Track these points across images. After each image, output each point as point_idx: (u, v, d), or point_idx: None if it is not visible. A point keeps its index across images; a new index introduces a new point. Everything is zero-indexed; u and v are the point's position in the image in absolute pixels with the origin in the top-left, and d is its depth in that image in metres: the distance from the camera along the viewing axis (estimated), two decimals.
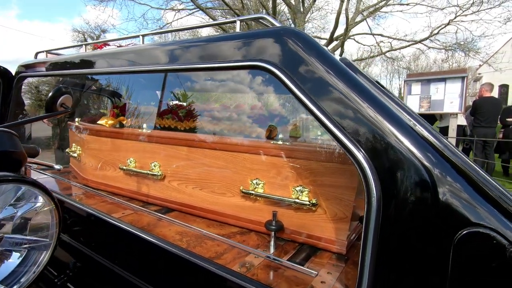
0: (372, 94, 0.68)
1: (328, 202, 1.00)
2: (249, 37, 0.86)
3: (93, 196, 1.56)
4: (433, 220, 0.58)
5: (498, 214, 0.55)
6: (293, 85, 0.75)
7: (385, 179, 0.63)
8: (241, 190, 1.14)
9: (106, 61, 1.32)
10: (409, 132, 0.64)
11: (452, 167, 0.59)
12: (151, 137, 1.42)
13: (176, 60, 1.03)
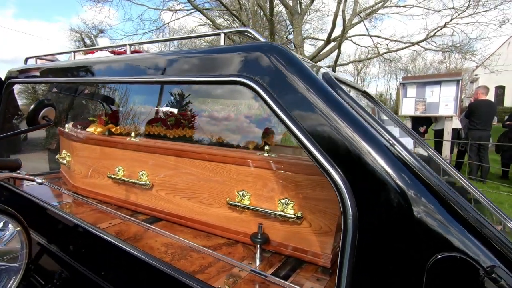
0: (350, 113, 0.68)
1: (313, 215, 1.00)
2: (231, 52, 0.85)
3: (82, 205, 1.55)
4: (408, 243, 0.58)
5: (473, 239, 0.54)
6: (272, 102, 0.75)
7: (361, 199, 0.63)
8: (228, 201, 1.14)
9: (95, 70, 1.31)
10: (385, 152, 0.63)
11: (428, 189, 0.59)
12: (139, 146, 1.41)
13: (160, 72, 1.02)
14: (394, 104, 50.77)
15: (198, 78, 0.90)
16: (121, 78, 1.16)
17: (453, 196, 0.60)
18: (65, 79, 1.49)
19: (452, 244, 0.54)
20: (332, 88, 0.77)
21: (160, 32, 17.62)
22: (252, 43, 0.83)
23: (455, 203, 0.58)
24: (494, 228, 0.58)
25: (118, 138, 1.50)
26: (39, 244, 1.39)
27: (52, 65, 1.60)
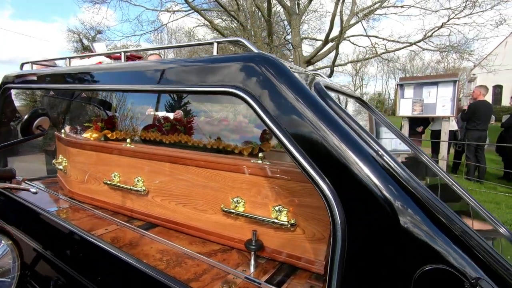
0: (339, 124, 0.69)
1: (306, 222, 1.01)
2: (224, 62, 0.86)
3: (78, 210, 1.55)
4: (395, 254, 0.59)
5: (459, 250, 0.55)
6: (263, 113, 0.76)
7: (349, 209, 0.64)
8: (222, 208, 1.15)
9: (90, 77, 1.32)
10: (372, 163, 0.64)
11: (414, 200, 0.60)
12: (135, 153, 1.41)
13: (154, 81, 1.03)
14: (393, 104, 50.87)
15: (191, 88, 0.90)
16: (116, 86, 1.16)
17: (440, 207, 0.61)
18: (61, 86, 1.49)
19: (438, 256, 0.55)
20: (322, 98, 0.78)
21: (158, 33, 17.59)
22: (245, 54, 0.84)
23: (442, 214, 0.59)
24: (480, 238, 0.59)
25: (114, 144, 1.51)
26: (35, 250, 1.39)
27: (49, 71, 1.60)
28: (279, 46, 13.64)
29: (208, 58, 0.92)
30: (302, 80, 0.79)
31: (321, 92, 0.81)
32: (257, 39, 12.81)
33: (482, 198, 4.54)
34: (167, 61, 1.06)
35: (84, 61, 2.19)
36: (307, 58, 13.44)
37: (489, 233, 1.10)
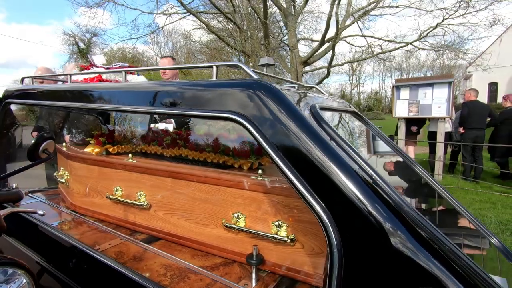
0: (333, 150, 0.73)
1: (305, 237, 1.05)
2: (223, 87, 0.89)
3: (81, 224, 1.58)
4: (387, 274, 0.63)
5: (447, 272, 0.59)
6: (262, 139, 0.79)
7: (344, 232, 0.68)
8: (223, 223, 1.18)
9: (91, 96, 1.34)
10: (365, 188, 0.68)
11: (404, 224, 0.64)
12: (137, 168, 1.44)
13: (155, 102, 1.06)
14: (390, 102, 51.05)
15: (190, 112, 0.93)
16: (117, 106, 1.19)
17: (429, 228, 0.65)
18: (63, 104, 1.51)
19: (427, 278, 0.59)
20: (318, 123, 0.82)
21: (154, 36, 17.56)
22: (243, 81, 0.87)
23: (430, 234, 0.63)
24: (469, 260, 0.63)
25: (116, 159, 1.54)
26: (38, 263, 1.42)
27: (50, 88, 1.62)
28: (276, 49, 13.67)
29: (207, 83, 0.95)
30: (298, 106, 0.83)
31: (317, 116, 0.85)
32: (254, 40, 12.84)
33: (478, 197, 4.61)
34: (167, 83, 1.10)
35: (84, 72, 2.21)
36: (303, 59, 13.49)
37: (478, 240, 1.14)
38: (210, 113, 0.88)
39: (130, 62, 23.53)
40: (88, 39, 39.97)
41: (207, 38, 17.71)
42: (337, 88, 53.73)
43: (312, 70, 16.54)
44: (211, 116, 0.89)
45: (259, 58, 12.11)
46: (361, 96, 55.23)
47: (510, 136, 5.63)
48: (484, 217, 3.78)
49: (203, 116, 0.91)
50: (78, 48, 39.97)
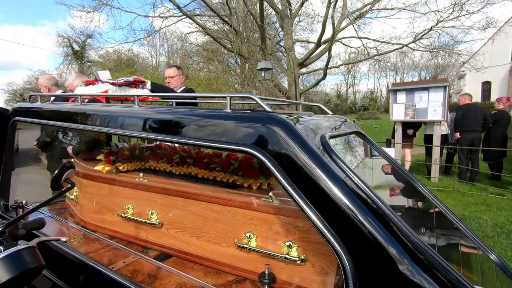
0: (341, 182, 0.79)
1: (315, 257, 1.10)
2: (237, 120, 0.94)
3: (93, 241, 1.61)
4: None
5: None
6: (276, 171, 0.84)
7: (358, 263, 0.74)
8: (236, 243, 1.23)
9: (103, 120, 1.38)
10: (374, 219, 0.74)
11: (408, 252, 0.71)
12: (148, 187, 1.49)
13: (169, 130, 1.10)
14: (385, 101, 51.50)
15: (206, 143, 0.98)
16: (129, 132, 1.23)
17: (432, 256, 0.72)
18: (73, 125, 1.54)
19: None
20: (329, 155, 0.87)
21: (150, 38, 17.52)
22: (257, 115, 0.92)
23: (433, 261, 0.70)
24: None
25: (127, 178, 1.58)
26: (49, 279, 1.45)
27: (59, 108, 1.66)
28: (273, 52, 13.73)
29: (222, 114, 1.00)
30: (309, 139, 0.88)
31: (327, 147, 0.90)
32: (251, 43, 12.89)
33: (474, 200, 4.71)
34: (180, 112, 1.14)
35: (88, 88, 2.24)
36: (300, 60, 13.59)
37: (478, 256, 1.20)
38: (226, 145, 0.93)
39: (126, 64, 23.41)
40: (83, 41, 39.66)
41: (204, 39, 17.70)
42: (332, 87, 53.97)
43: (308, 72, 16.65)
44: (228, 148, 0.94)
45: (256, 60, 12.17)
46: (357, 96, 55.59)
47: (502, 137, 5.76)
48: (480, 219, 3.88)
49: (220, 148, 0.96)
50: (72, 50, 39.65)
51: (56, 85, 3.61)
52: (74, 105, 1.60)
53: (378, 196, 0.80)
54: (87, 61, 40.88)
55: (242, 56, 12.93)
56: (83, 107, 1.55)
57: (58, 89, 3.62)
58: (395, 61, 35.46)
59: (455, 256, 1.25)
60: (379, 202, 0.79)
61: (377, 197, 0.80)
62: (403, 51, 12.48)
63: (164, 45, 39.13)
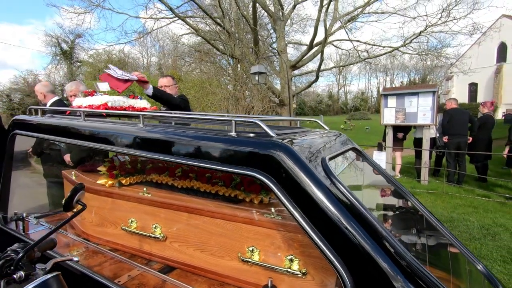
0: (340, 204, 0.85)
1: (315, 270, 1.17)
2: (241, 145, 1.00)
3: (96, 254, 1.64)
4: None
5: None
6: (281, 195, 0.90)
7: (355, 277, 0.81)
8: (239, 257, 1.29)
9: (106, 138, 1.40)
10: (369, 238, 0.81)
11: (401, 270, 0.78)
12: (152, 202, 1.53)
13: (174, 151, 1.14)
14: (376, 102, 52.25)
15: (213, 166, 1.03)
16: (135, 151, 1.26)
17: (423, 272, 0.79)
18: (74, 141, 1.55)
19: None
20: (328, 176, 0.94)
21: (142, 39, 17.36)
22: (262, 141, 0.98)
23: (424, 278, 0.77)
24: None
25: (131, 192, 1.62)
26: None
27: (62, 123, 1.67)
28: (266, 55, 13.80)
29: (227, 138, 1.05)
30: (310, 162, 0.95)
31: (327, 170, 0.97)
32: (243, 45, 12.93)
33: (461, 202, 4.88)
34: (186, 133, 1.18)
35: (87, 99, 2.26)
36: (292, 63, 13.71)
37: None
38: (233, 169, 0.99)
39: (116, 64, 23.12)
40: (72, 41, 38.95)
41: (196, 40, 17.62)
42: (324, 88, 54.47)
43: (300, 74, 16.79)
44: (234, 172, 0.99)
45: (249, 63, 12.22)
46: (348, 96, 56.22)
47: (488, 140, 5.98)
48: (467, 221, 4.03)
49: (225, 171, 1.01)
50: (61, 49, 38.88)
51: (52, 92, 3.60)
52: (77, 120, 1.62)
53: (374, 217, 0.87)
54: (76, 61, 40.14)
55: (235, 58, 12.96)
56: (86, 123, 1.56)
57: (54, 96, 3.61)
58: (385, 63, 36.18)
59: (445, 267, 1.33)
60: (376, 223, 0.85)
61: (373, 218, 0.87)
62: (393, 54, 12.73)
63: (155, 45, 38.74)
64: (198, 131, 1.19)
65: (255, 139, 1.00)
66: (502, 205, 4.71)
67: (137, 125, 1.37)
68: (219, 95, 10.42)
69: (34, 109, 1.99)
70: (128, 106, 2.39)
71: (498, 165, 7.17)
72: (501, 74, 27.26)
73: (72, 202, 1.02)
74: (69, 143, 1.64)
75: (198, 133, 1.16)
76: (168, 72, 19.51)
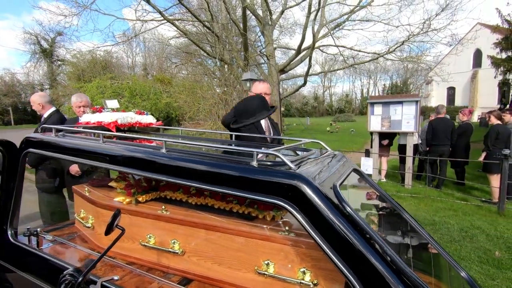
0: (352, 230, 1.01)
1: (326, 281, 1.33)
2: (265, 175, 1.14)
3: (115, 267, 1.73)
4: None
5: None
6: (303, 221, 1.06)
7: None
8: (256, 270, 1.43)
9: (126, 161, 1.50)
10: (380, 260, 0.98)
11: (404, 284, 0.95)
12: (171, 219, 1.64)
13: (194, 177, 1.27)
14: (360, 104, 53.50)
15: (238, 193, 1.17)
16: (155, 175, 1.37)
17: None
18: (90, 162, 1.64)
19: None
20: (340, 202, 1.10)
21: (130, 42, 17.12)
22: (284, 172, 1.13)
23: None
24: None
25: (149, 210, 1.72)
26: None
27: (74, 144, 1.73)
28: (258, 64, 13.96)
29: (249, 168, 1.19)
30: (325, 190, 1.11)
31: (339, 197, 1.13)
32: (233, 49, 13.04)
33: (442, 205, 5.22)
34: (210, 162, 1.30)
35: (95, 115, 2.33)
36: (281, 67, 13.95)
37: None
38: (259, 197, 1.13)
39: (102, 66, 22.61)
40: (52, 39, 37.66)
41: (183, 40, 17.54)
42: (310, 90, 55.27)
43: (288, 78, 17.08)
44: (259, 200, 1.14)
45: (238, 66, 12.35)
46: (333, 98, 57.33)
47: (466, 147, 6.40)
48: (448, 224, 4.34)
49: (250, 198, 1.16)
50: (40, 47, 37.53)
51: (49, 103, 3.61)
52: (95, 142, 1.70)
53: (380, 237, 1.04)
54: (57, 60, 38.76)
55: (225, 62, 13.05)
56: (105, 146, 1.64)
57: (51, 107, 3.62)
58: (368, 67, 37.25)
59: (429, 275, 1.53)
60: (383, 244, 1.03)
61: (379, 238, 1.04)
62: (377, 61, 13.24)
63: (140, 45, 38.05)
64: (221, 160, 1.32)
65: (277, 171, 1.15)
66: (479, 208, 5.08)
67: (159, 150, 1.47)
68: (210, 100, 10.49)
69: (46, 126, 2.06)
70: (135, 122, 2.50)
71: (474, 168, 7.66)
72: (476, 79, 28.73)
73: (113, 227, 1.14)
74: (86, 163, 1.72)
75: (222, 163, 1.29)
76: (157, 75, 19.27)
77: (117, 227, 1.16)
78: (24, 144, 2.01)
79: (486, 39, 22.09)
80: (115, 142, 1.71)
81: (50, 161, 3.41)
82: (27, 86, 37.99)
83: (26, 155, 2.01)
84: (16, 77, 37.22)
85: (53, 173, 3.44)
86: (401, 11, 10.32)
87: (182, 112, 13.97)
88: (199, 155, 1.41)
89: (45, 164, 3.44)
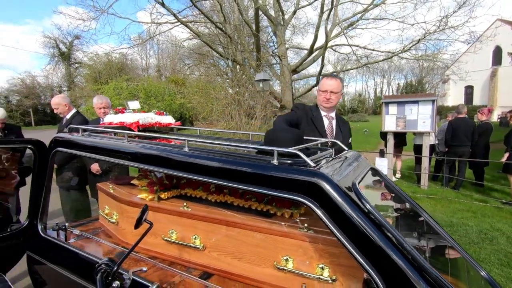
0: (371, 226, 1.04)
1: (344, 277, 1.36)
2: (286, 173, 1.19)
3: (138, 261, 1.82)
4: None
5: None
6: (323, 216, 1.09)
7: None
8: (275, 265, 1.48)
9: (151, 159, 1.57)
10: (400, 256, 1.00)
11: (425, 281, 0.97)
12: (192, 215, 1.71)
13: (219, 174, 1.32)
14: (373, 104, 52.61)
15: (260, 190, 1.22)
16: (180, 173, 1.44)
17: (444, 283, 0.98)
18: (116, 161, 1.72)
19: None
20: (359, 199, 1.13)
21: (141, 41, 17.49)
22: (303, 170, 1.17)
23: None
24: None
25: (171, 206, 1.80)
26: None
27: (100, 143, 1.83)
28: (270, 65, 13.99)
29: (270, 166, 1.24)
30: (345, 188, 1.14)
31: (358, 194, 1.16)
32: (245, 50, 13.12)
33: (460, 207, 5.10)
34: (232, 160, 1.35)
35: (118, 116, 2.43)
36: (293, 67, 13.94)
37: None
38: (281, 194, 1.18)
39: (118, 68, 23.21)
40: (70, 42, 38.92)
41: (196, 42, 17.77)
42: None
43: (301, 78, 17.03)
44: (282, 196, 1.18)
45: (250, 66, 12.42)
46: (345, 98, 56.61)
47: (486, 147, 6.22)
48: (466, 226, 4.25)
49: (272, 195, 1.20)
50: (59, 51, 38.85)
51: (71, 103, 3.78)
52: (120, 141, 1.79)
53: (400, 235, 1.06)
54: (74, 63, 39.99)
55: (237, 63, 13.15)
56: (130, 145, 1.73)
57: (73, 108, 3.78)
58: (382, 66, 36.63)
59: (448, 274, 1.53)
60: (403, 241, 1.05)
61: (400, 236, 1.06)
62: (392, 60, 13.01)
63: (153, 47, 38.76)
64: (242, 158, 1.37)
65: (298, 169, 1.19)
66: (499, 210, 4.94)
67: (183, 149, 1.54)
68: (223, 100, 10.62)
69: (73, 126, 2.17)
70: (155, 122, 2.59)
71: (493, 169, 7.43)
72: (496, 77, 27.74)
73: (141, 221, 1.20)
74: (111, 161, 1.81)
75: (244, 161, 1.34)
76: (171, 76, 19.61)
77: (145, 221, 1.22)
78: (53, 143, 2.13)
79: (507, 35, 21.35)
80: (139, 142, 1.79)
81: (75, 160, 3.56)
82: (46, 88, 39.35)
83: (55, 154, 2.12)
84: (36, 80, 38.56)
85: (76, 171, 3.59)
86: (416, 9, 10.15)
87: (195, 112, 14.20)
88: (221, 153, 1.47)
89: (72, 163, 3.60)
